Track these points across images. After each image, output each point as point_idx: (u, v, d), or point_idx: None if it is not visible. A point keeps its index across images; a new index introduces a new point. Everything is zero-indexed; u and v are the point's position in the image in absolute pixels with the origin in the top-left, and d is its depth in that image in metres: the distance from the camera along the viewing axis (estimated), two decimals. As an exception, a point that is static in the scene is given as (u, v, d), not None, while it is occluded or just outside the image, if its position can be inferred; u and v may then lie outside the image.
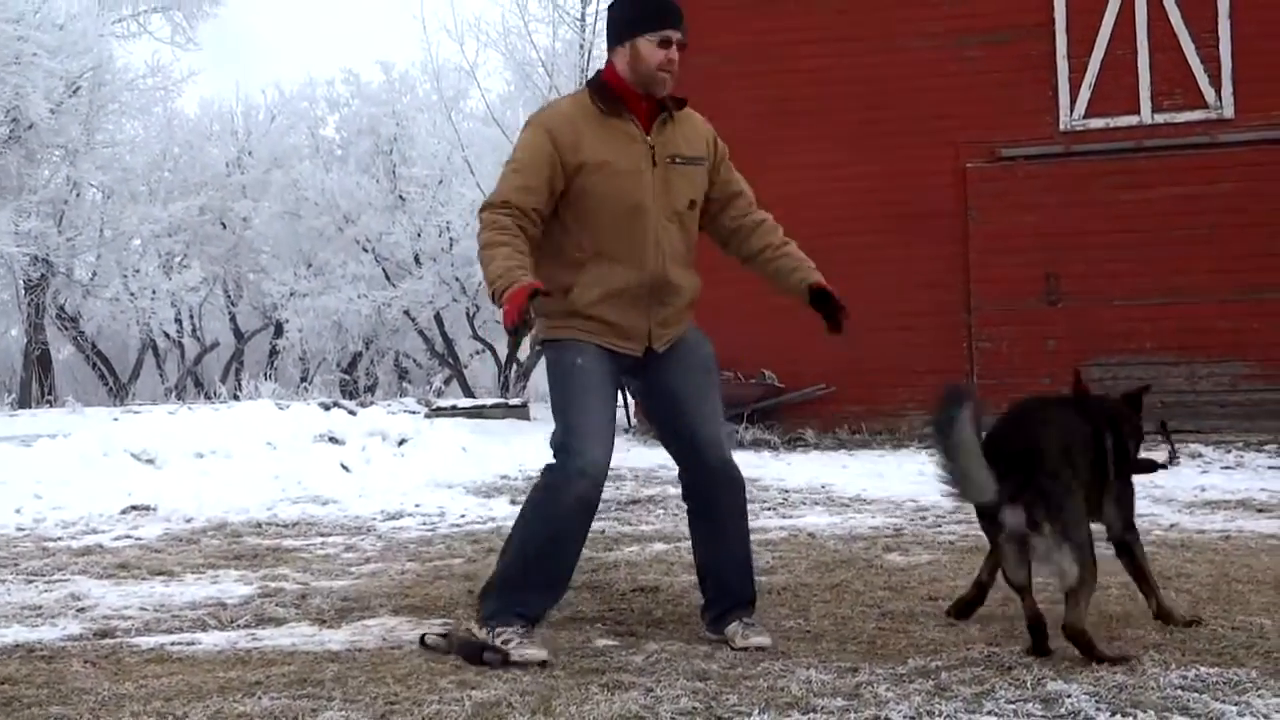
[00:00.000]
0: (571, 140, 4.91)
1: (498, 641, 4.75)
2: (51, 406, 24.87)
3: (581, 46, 21.76)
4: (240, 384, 27.55)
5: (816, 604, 5.78)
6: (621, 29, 5.04)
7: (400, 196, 29.84)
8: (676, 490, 10.48)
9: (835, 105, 15.18)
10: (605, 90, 5.00)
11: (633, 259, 4.94)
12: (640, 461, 12.81)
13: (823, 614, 5.55)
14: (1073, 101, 14.83)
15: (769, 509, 9.51)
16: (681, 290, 5.07)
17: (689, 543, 5.41)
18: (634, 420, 5.77)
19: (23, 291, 28.27)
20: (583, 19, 24.09)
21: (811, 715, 3.92)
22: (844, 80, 15.19)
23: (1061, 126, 14.84)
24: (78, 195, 28.58)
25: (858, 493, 10.52)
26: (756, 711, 3.94)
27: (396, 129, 30.62)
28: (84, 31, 25.77)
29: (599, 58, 22.56)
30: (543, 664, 4.66)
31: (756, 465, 12.06)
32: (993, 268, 14.84)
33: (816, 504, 9.90)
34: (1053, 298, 14.74)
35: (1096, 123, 14.76)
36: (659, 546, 7.70)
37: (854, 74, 15.15)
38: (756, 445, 14.31)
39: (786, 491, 10.67)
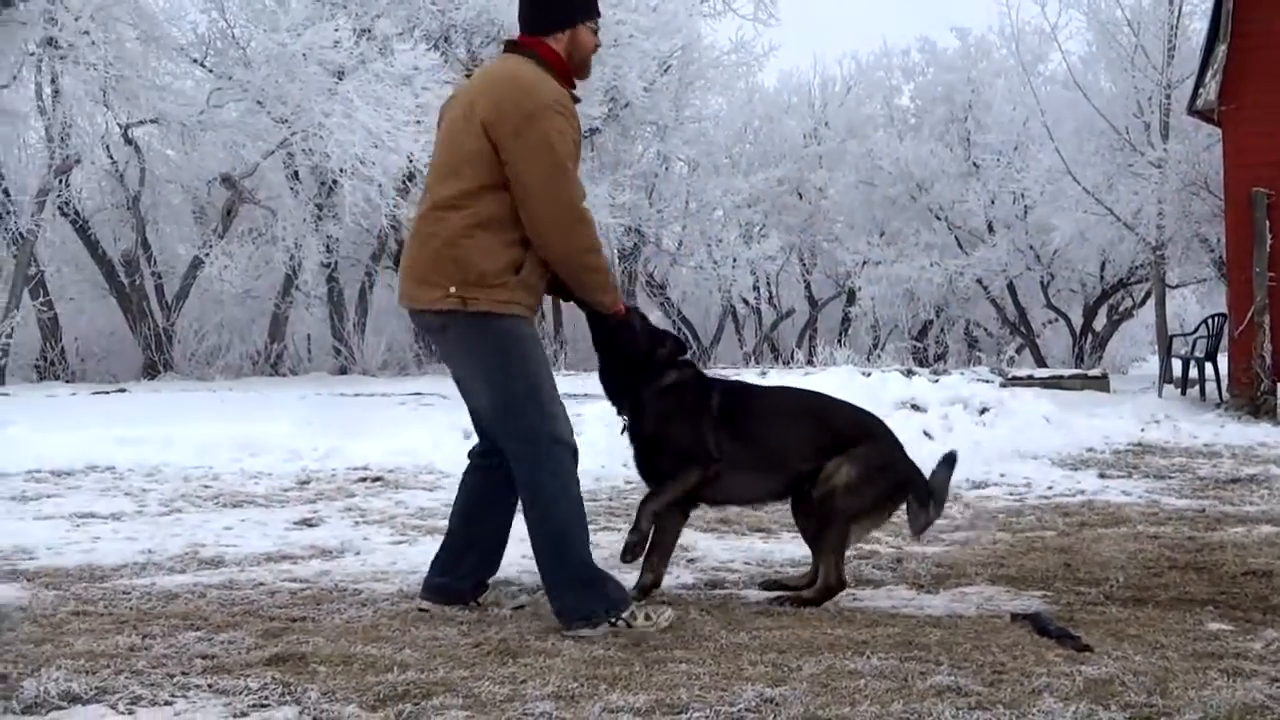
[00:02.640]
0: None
1: (639, 622, 4.82)
2: (642, 368, 26.43)
3: (1171, 3, 20.62)
4: (814, 350, 28.19)
5: None
6: (567, 14, 5.07)
7: (974, 164, 29.49)
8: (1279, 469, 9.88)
9: None
10: (563, 74, 5.04)
11: None
12: (1237, 439, 12.11)
13: None
14: None
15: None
16: None
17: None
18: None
19: (617, 260, 30.19)
20: (1172, -27, 22.85)
21: None
22: None
23: None
24: (667, 169, 30.11)
25: None
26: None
27: (972, 95, 30.24)
28: (675, 12, 27.04)
29: (1190, 13, 21.34)
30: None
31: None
32: None
33: None
34: None
35: None
36: (1267, 529, 7.26)
37: None
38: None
39: None
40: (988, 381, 15.08)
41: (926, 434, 11.02)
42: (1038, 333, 30.89)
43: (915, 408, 11.62)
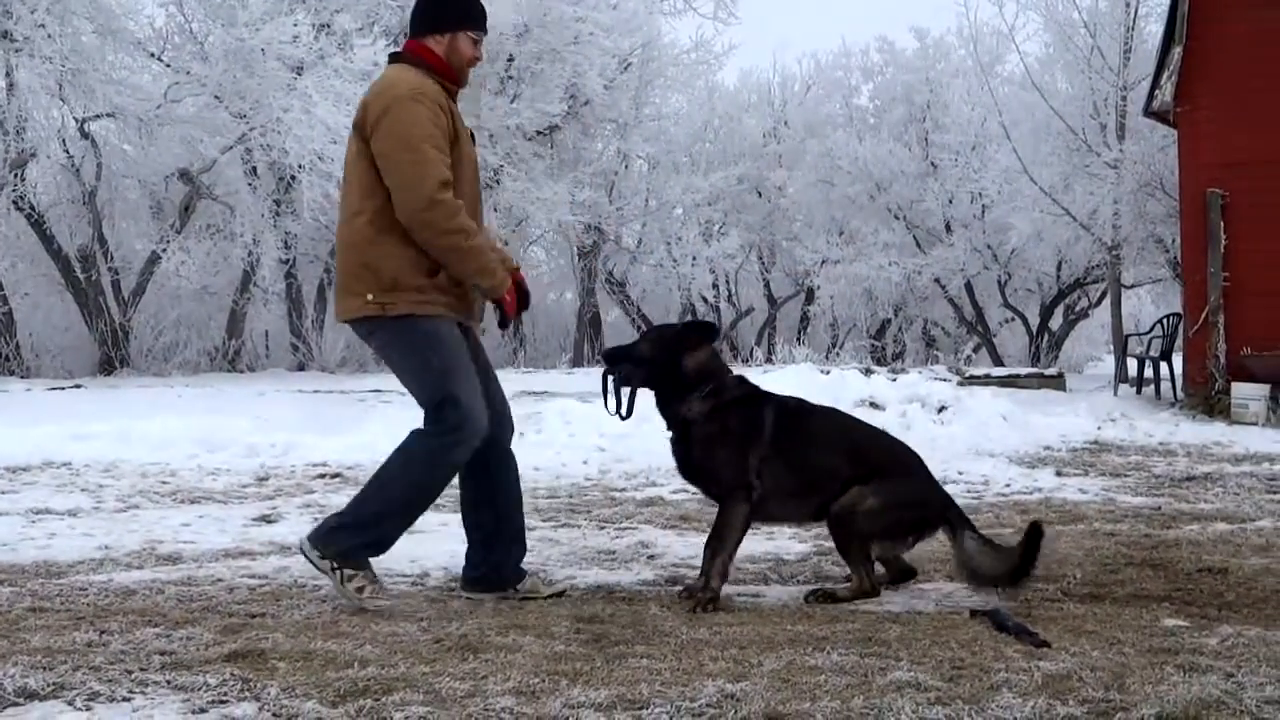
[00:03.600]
0: (448, 120, 5.13)
1: (350, 586, 5.04)
2: (600, 365, 26.48)
3: (1128, 6, 20.75)
4: (773, 348, 28.26)
5: None
6: (447, 20, 5.28)
7: (932, 164, 29.65)
8: (1235, 468, 9.98)
9: None
10: (443, 73, 5.24)
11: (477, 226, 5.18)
12: (1191, 438, 12.23)
13: None
14: None
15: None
16: None
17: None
18: (624, 410, 5.43)
19: (576, 258, 30.19)
20: (1129, -25, 23.00)
21: None
22: None
23: None
24: (626, 167, 30.15)
25: None
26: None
27: (930, 95, 30.45)
28: (635, 10, 27.05)
29: (1146, 15, 21.46)
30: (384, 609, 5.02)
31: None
32: None
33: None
34: None
35: None
36: (1221, 526, 7.33)
37: None
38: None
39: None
40: (945, 380, 15.16)
41: (885, 432, 11.06)
42: (995, 332, 31.08)
43: (874, 405, 11.69)
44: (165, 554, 6.18)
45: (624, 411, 5.41)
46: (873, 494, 5.34)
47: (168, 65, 20.74)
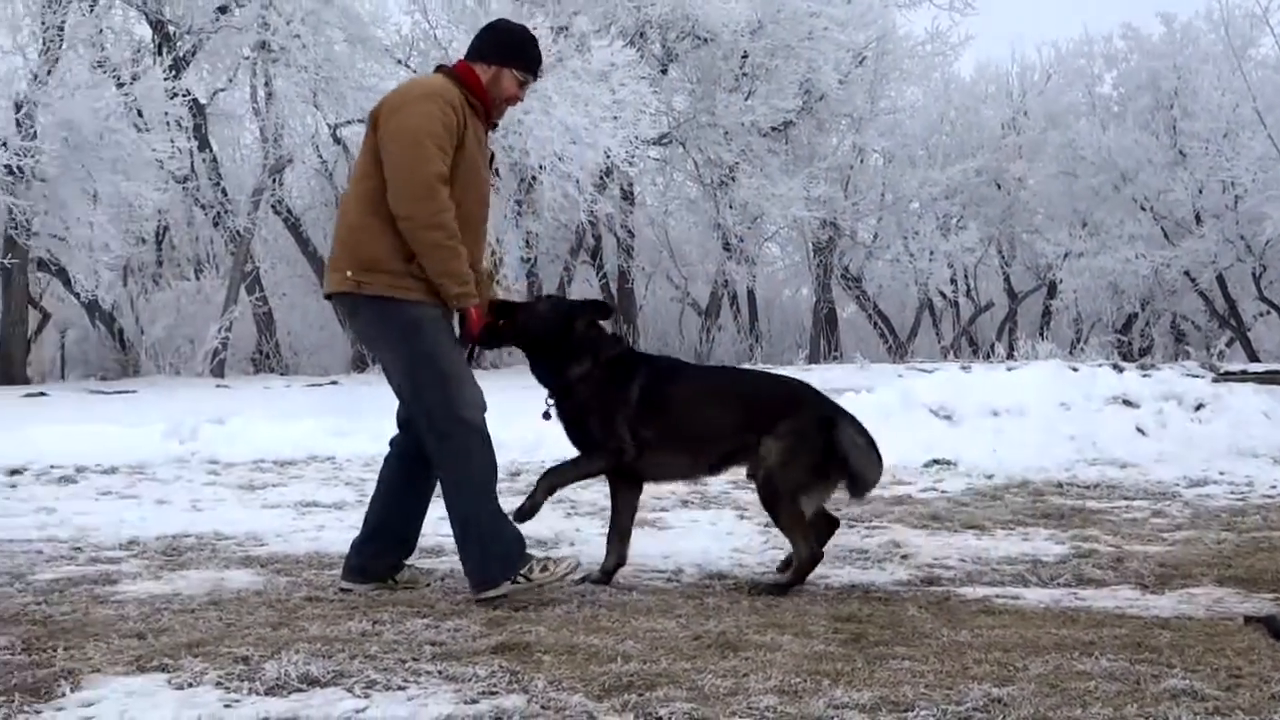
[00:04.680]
0: (459, 122, 5.23)
1: (539, 578, 5.15)
2: (838, 361, 26.34)
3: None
4: (1014, 344, 27.68)
5: None
6: (501, 54, 5.46)
7: (1181, 152, 28.66)
8: None
9: None
10: (474, 91, 5.38)
11: (473, 243, 5.33)
12: None
13: None
14: None
15: None
16: None
17: None
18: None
19: (812, 253, 30.06)
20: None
21: None
22: None
23: None
24: (862, 161, 29.88)
25: None
26: None
27: (1178, 82, 29.40)
28: (870, 4, 26.83)
29: None
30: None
31: None
32: None
33: None
34: None
35: None
36: None
37: None
38: None
39: None
40: (1199, 377, 14.59)
41: (1140, 430, 10.75)
42: (1249, 326, 29.87)
43: (1127, 403, 11.34)
44: (428, 547, 6.36)
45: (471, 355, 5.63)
46: (776, 442, 5.47)
47: (414, 71, 21.38)
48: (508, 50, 5.50)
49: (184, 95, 19.43)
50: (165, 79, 19.03)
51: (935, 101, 32.51)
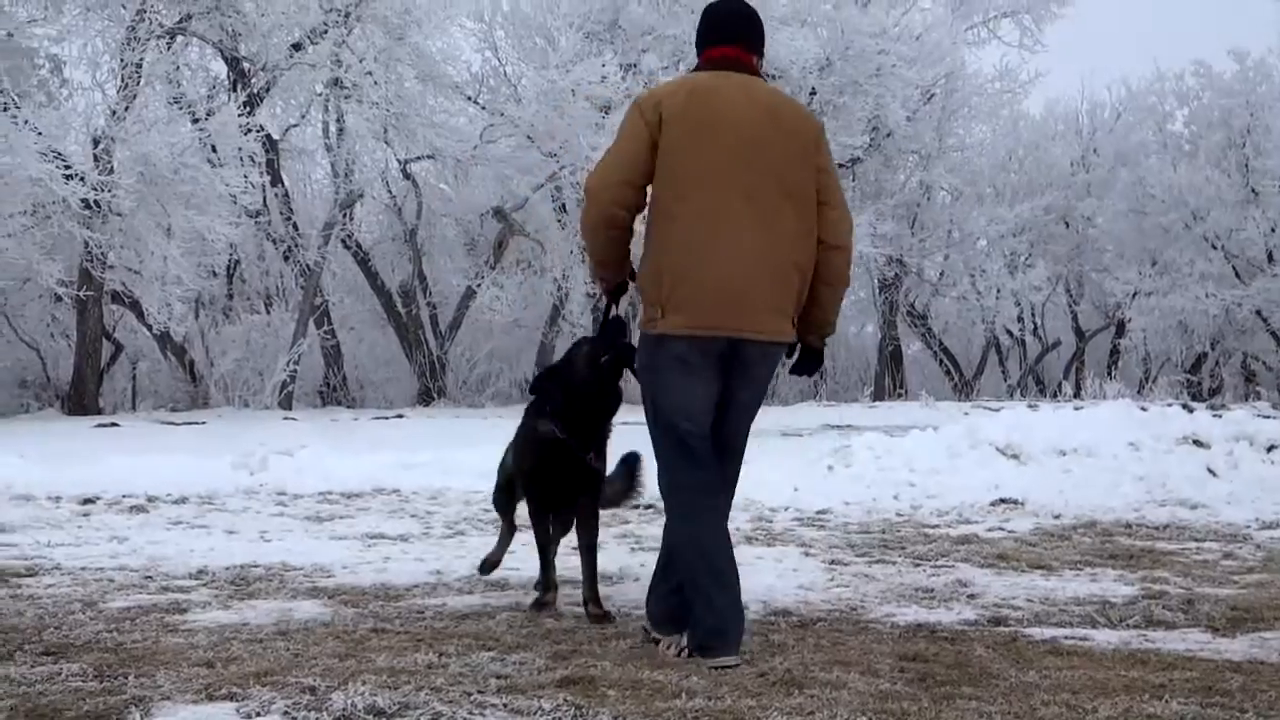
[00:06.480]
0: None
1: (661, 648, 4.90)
2: (903, 399, 26.21)
3: None
4: (1081, 383, 27.44)
5: None
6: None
7: (1253, 190, 28.40)
8: None
9: None
10: None
11: None
12: None
13: None
14: None
15: None
16: None
17: None
18: None
19: (878, 290, 29.98)
20: None
21: None
22: None
23: None
24: (929, 198, 29.83)
25: None
26: None
27: (1250, 119, 29.17)
28: (938, 41, 26.81)
29: None
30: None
31: None
32: None
33: None
34: None
35: None
36: None
37: None
38: None
39: None
40: (1271, 418, 14.39)
41: (1211, 471, 10.61)
42: (1322, 366, 29.47)
43: (1198, 443, 11.19)
44: (493, 580, 6.39)
45: None
46: None
47: (483, 108, 21.62)
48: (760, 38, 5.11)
49: (257, 131, 19.70)
50: (239, 115, 19.32)
51: (1004, 139, 32.41)
